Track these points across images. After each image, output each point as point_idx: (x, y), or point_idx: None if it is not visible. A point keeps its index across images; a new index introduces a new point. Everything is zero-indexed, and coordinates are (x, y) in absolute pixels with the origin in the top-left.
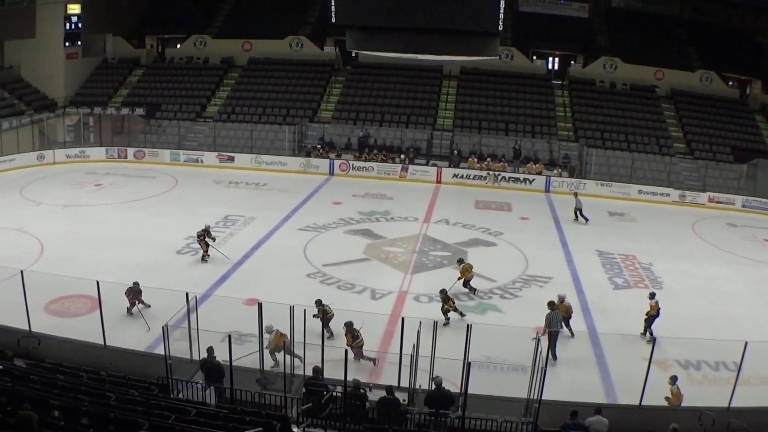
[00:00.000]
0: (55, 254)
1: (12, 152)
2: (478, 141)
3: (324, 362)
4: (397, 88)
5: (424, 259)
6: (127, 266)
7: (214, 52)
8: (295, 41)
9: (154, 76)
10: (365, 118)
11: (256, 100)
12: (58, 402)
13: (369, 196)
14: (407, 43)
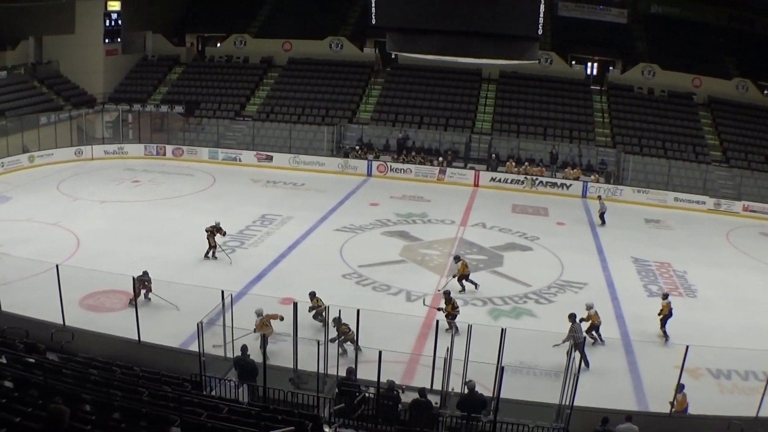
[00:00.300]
0: (91, 249)
1: (50, 147)
2: (516, 145)
3: (357, 363)
4: (436, 91)
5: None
6: (163, 263)
7: (254, 52)
8: (335, 42)
9: (193, 74)
10: (404, 120)
11: (296, 100)
12: (90, 396)
13: (406, 198)
14: (447, 46)
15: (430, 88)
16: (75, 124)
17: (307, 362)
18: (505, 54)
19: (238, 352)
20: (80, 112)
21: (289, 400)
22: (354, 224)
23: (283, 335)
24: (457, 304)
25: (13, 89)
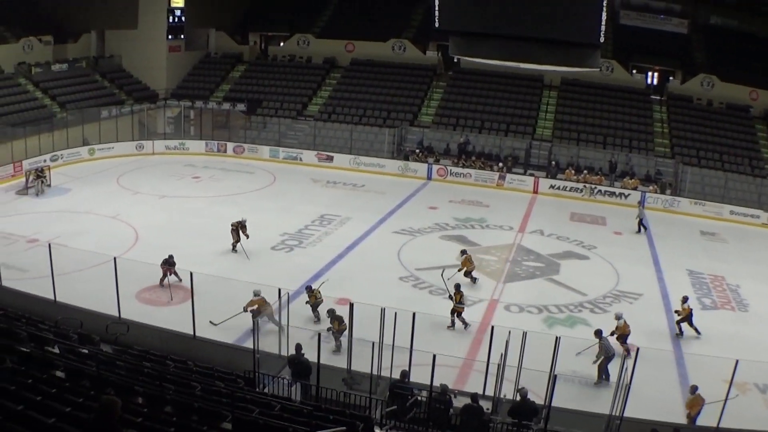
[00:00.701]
0: (149, 243)
1: (111, 141)
2: (576, 153)
3: (411, 366)
4: (498, 96)
5: (517, 268)
6: (220, 259)
7: (317, 52)
8: (398, 44)
9: (256, 72)
10: (465, 124)
11: (357, 102)
12: (143, 389)
13: (465, 202)
14: (509, 52)
15: (492, 93)
16: (136, 118)
17: (360, 363)
18: (567, 61)
19: (292, 350)
20: (142, 107)
21: (341, 400)
22: (412, 227)
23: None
24: (464, 300)
25: (74, 82)
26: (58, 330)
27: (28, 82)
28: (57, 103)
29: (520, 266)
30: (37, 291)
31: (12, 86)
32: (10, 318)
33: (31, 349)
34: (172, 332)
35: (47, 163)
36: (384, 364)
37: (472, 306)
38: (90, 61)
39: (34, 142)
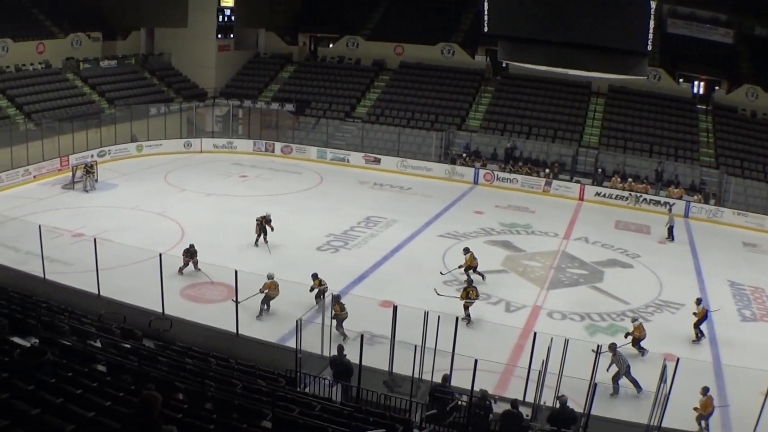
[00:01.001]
0: (195, 240)
1: (159, 138)
2: (622, 161)
3: (452, 370)
4: (546, 102)
5: (561, 275)
6: (266, 258)
7: (366, 54)
8: (447, 48)
9: (305, 73)
10: (512, 130)
11: (405, 104)
12: (184, 385)
13: (511, 208)
14: (558, 58)
15: (540, 99)
16: (185, 116)
17: (402, 366)
18: (615, 68)
19: (334, 351)
20: (191, 105)
21: (381, 403)
22: (458, 231)
23: (381, 338)
24: (475, 294)
25: (123, 78)
26: (101, 324)
27: (77, 77)
28: (105, 99)
29: (564, 273)
30: (81, 285)
31: (60, 81)
32: (53, 311)
33: (73, 343)
34: (215, 329)
35: (95, 159)
36: (425, 368)
37: (515, 312)
38: (139, 59)
39: (82, 138)
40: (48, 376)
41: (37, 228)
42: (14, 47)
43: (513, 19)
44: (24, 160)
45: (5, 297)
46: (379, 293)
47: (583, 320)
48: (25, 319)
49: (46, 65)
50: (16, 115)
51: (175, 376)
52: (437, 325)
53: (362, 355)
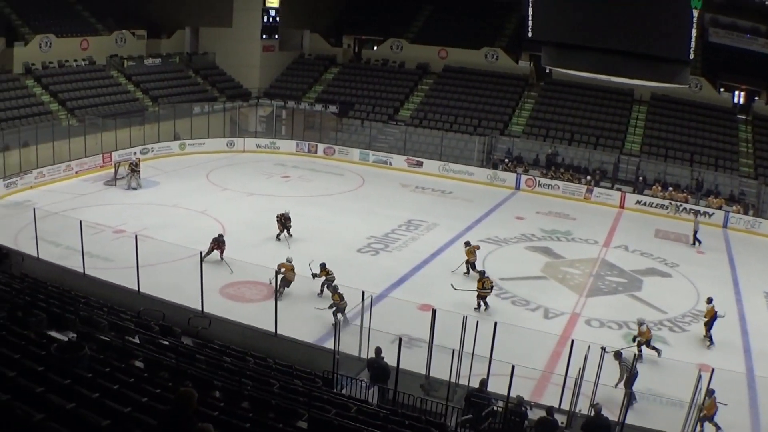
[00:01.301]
0: (236, 240)
1: (202, 137)
2: (663, 169)
3: (489, 375)
4: (588, 108)
5: (600, 283)
6: (305, 258)
7: (410, 57)
8: (491, 53)
9: (349, 75)
10: (555, 136)
11: (449, 108)
12: (222, 383)
13: (552, 214)
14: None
15: (582, 106)
16: (228, 116)
17: (439, 370)
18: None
19: (372, 353)
20: (234, 104)
21: (417, 406)
22: (498, 236)
23: (419, 341)
24: (489, 285)
25: (167, 77)
26: (139, 320)
27: (120, 74)
28: (149, 97)
29: (603, 281)
30: (121, 281)
31: (104, 78)
32: (91, 306)
33: (111, 338)
34: (254, 329)
35: (137, 156)
36: (462, 372)
37: (553, 318)
38: (183, 57)
39: (125, 135)
40: (85, 370)
41: (78, 223)
42: (57, 43)
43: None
44: (66, 155)
45: (44, 291)
46: (418, 296)
47: (620, 329)
48: (63, 314)
49: (89, 62)
50: (58, 110)
51: (212, 374)
52: (475, 329)
53: (400, 358)
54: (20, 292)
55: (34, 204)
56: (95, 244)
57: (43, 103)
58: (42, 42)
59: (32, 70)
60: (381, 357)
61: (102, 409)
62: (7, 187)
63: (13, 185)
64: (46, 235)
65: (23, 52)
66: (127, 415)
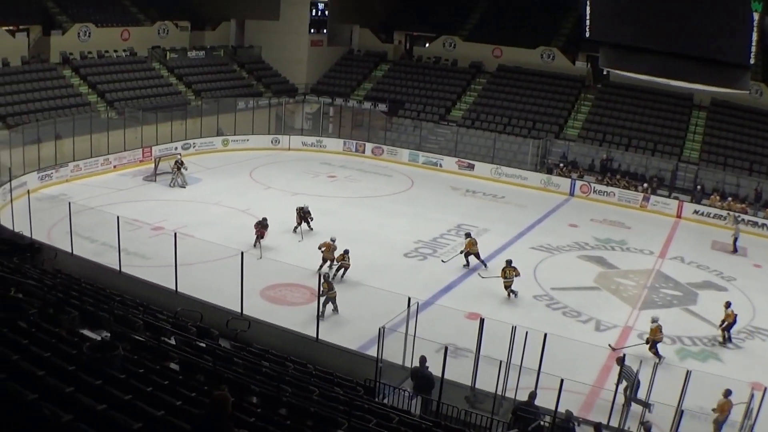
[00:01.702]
0: (278, 241)
1: (246, 133)
2: (722, 178)
3: (537, 388)
4: (646, 113)
5: (654, 295)
6: (351, 262)
7: (463, 55)
8: (547, 53)
9: (399, 72)
10: (611, 140)
11: (502, 109)
12: (259, 389)
13: (607, 222)
14: (661, 67)
15: (640, 110)
16: (274, 112)
17: (485, 381)
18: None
19: (416, 362)
20: (280, 100)
21: (461, 419)
22: (551, 244)
23: (465, 351)
24: (511, 274)
25: (210, 70)
26: (176, 321)
27: (162, 67)
28: (192, 91)
29: (658, 293)
30: (158, 280)
31: (145, 70)
32: (127, 305)
33: (146, 339)
34: (295, 333)
35: (179, 151)
36: (509, 385)
37: (605, 331)
38: (228, 50)
39: (166, 129)
40: (117, 371)
41: (116, 219)
42: (97, 33)
43: (616, 25)
44: (104, 149)
45: (77, 288)
46: (466, 304)
47: (674, 344)
48: (97, 312)
49: (130, 53)
50: (97, 102)
51: (250, 379)
52: (524, 340)
53: (445, 367)
54: (52, 289)
55: (70, 198)
56: (132, 240)
57: (81, 94)
58: (81, 31)
59: (70, 60)
60: (425, 366)
61: (134, 411)
62: (41, 179)
63: (48, 178)
64: (82, 230)
65: (61, 41)
66: (159, 419)
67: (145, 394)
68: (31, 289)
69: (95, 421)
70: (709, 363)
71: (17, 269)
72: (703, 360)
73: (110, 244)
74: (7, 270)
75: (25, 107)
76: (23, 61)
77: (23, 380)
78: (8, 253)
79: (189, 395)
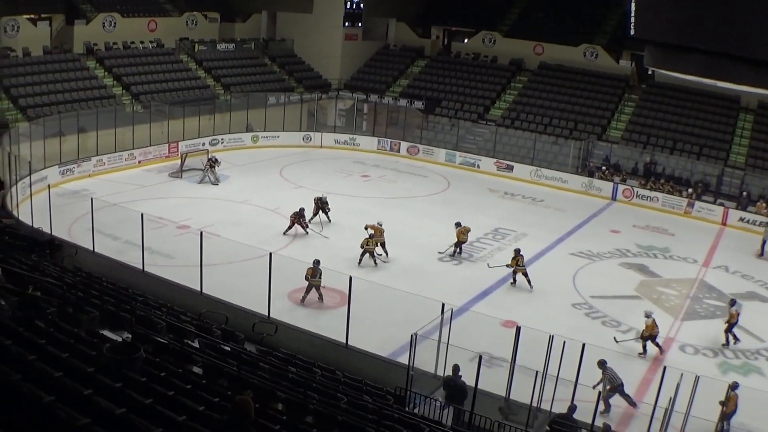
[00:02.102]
0: (308, 241)
1: (276, 129)
2: None
3: (575, 401)
4: (692, 115)
5: (697, 306)
6: (383, 265)
7: (503, 52)
8: (590, 50)
9: (437, 69)
10: (655, 143)
11: (543, 109)
12: (285, 395)
13: (650, 228)
14: (708, 68)
15: (686, 112)
16: (306, 108)
17: (520, 392)
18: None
19: (449, 370)
20: (312, 96)
21: (494, 430)
22: (591, 250)
23: (500, 360)
24: (522, 262)
25: (240, 63)
26: (200, 323)
27: (191, 59)
28: (221, 85)
29: (701, 304)
30: (183, 280)
31: (172, 62)
32: (149, 306)
33: (168, 341)
34: (323, 338)
35: (206, 147)
36: (545, 396)
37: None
38: (259, 43)
39: (193, 124)
40: (138, 374)
41: (140, 216)
42: (123, 23)
43: (662, 23)
44: (128, 143)
45: (98, 287)
46: (502, 312)
47: (716, 356)
48: (118, 312)
49: (157, 44)
50: (122, 95)
51: (276, 385)
52: (562, 350)
53: (479, 377)
54: (72, 287)
55: (92, 193)
56: (157, 239)
57: (105, 86)
58: (105, 21)
59: (94, 51)
60: (458, 375)
61: (154, 415)
62: (63, 174)
63: (69, 173)
64: (104, 227)
65: (84, 30)
66: (181, 424)
67: (167, 399)
68: (50, 287)
69: (114, 425)
70: (751, 377)
71: (36, 266)
72: (746, 374)
73: (133, 242)
74: (25, 267)
75: (47, 99)
76: (45, 51)
77: (39, 381)
78: (27, 250)
79: (212, 400)
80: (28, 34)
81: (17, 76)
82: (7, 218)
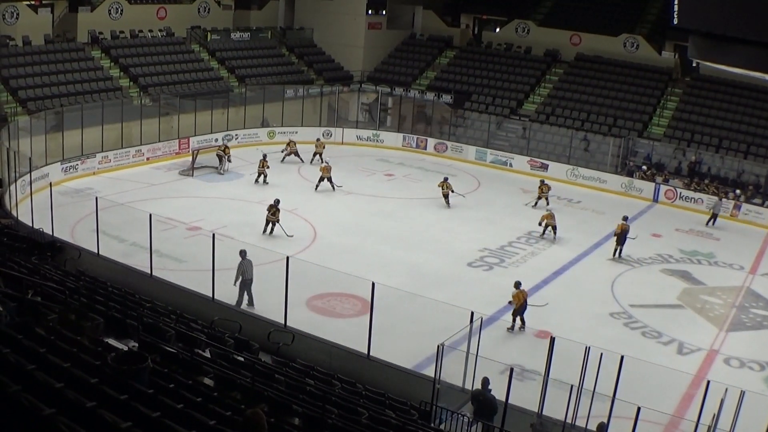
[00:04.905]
0: (328, 244)
1: (294, 124)
2: None
3: (611, 417)
4: (739, 111)
5: (743, 316)
6: (408, 270)
7: (537, 42)
8: (630, 41)
9: (467, 60)
10: (700, 141)
11: (580, 104)
12: (302, 409)
13: (693, 233)
14: (756, 60)
15: (733, 107)
16: (326, 101)
17: (554, 407)
18: None
19: (478, 384)
20: (333, 89)
21: None
22: (631, 256)
23: (532, 373)
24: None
25: (256, 54)
26: (212, 332)
27: (203, 49)
28: (235, 77)
29: (747, 314)
30: (193, 285)
31: (183, 52)
32: (157, 312)
33: (178, 350)
34: (344, 348)
35: (219, 143)
36: (580, 412)
37: (688, 355)
38: (276, 32)
39: (205, 118)
40: (145, 385)
41: (147, 217)
42: (129, 10)
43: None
44: (136, 139)
45: (103, 292)
46: (535, 321)
47: (762, 370)
48: (124, 320)
49: (167, 33)
50: (129, 87)
51: (292, 398)
52: (599, 363)
53: (509, 391)
54: (75, 292)
55: (97, 192)
56: (166, 241)
57: (111, 78)
58: (111, 8)
59: (99, 40)
60: (488, 389)
61: (161, 430)
62: (65, 171)
63: (73, 170)
64: (109, 228)
65: (89, 18)
66: None
67: (176, 412)
68: (51, 292)
69: None
70: None
71: (36, 270)
72: None
73: (141, 244)
74: (24, 270)
75: (48, 91)
76: (47, 39)
77: (40, 393)
78: (26, 252)
79: (224, 414)
80: (28, 22)
81: (17, 67)
82: (5, 218)
